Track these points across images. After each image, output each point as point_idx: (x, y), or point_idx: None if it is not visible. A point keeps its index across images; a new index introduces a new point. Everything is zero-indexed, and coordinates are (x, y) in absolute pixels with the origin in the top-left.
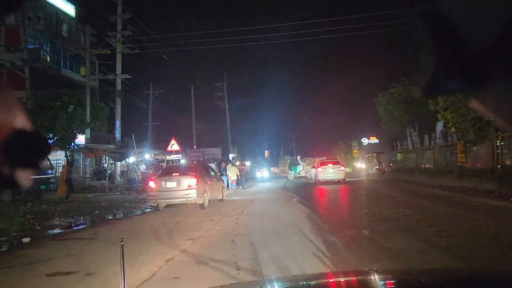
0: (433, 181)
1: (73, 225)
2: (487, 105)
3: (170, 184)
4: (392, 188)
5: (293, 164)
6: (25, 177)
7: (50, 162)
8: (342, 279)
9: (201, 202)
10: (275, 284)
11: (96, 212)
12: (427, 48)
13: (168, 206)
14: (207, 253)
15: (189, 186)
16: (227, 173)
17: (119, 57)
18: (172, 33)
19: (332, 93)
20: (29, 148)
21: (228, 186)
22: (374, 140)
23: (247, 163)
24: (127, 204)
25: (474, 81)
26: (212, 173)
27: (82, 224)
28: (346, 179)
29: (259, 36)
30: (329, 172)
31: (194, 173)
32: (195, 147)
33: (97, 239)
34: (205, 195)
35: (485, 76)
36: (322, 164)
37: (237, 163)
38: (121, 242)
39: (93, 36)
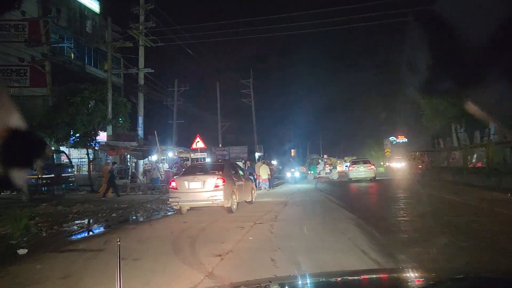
0: (488, 182)
1: (83, 231)
2: (482, 105)
3: (194, 185)
4: (442, 190)
5: (313, 164)
6: (20, 177)
7: (70, 161)
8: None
9: (229, 205)
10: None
11: (113, 214)
12: (422, 48)
13: (191, 208)
14: (241, 278)
15: (215, 186)
16: (258, 173)
17: (141, 50)
18: (197, 26)
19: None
20: (25, 148)
21: (256, 186)
22: (402, 139)
23: (273, 162)
24: (148, 205)
25: (469, 82)
26: (240, 172)
27: (94, 229)
28: (383, 179)
29: (287, 26)
30: (360, 170)
31: (220, 172)
32: (220, 145)
33: (105, 251)
34: (233, 197)
35: (480, 76)
36: (354, 163)
37: (259, 162)
38: (117, 242)
39: (117, 32)
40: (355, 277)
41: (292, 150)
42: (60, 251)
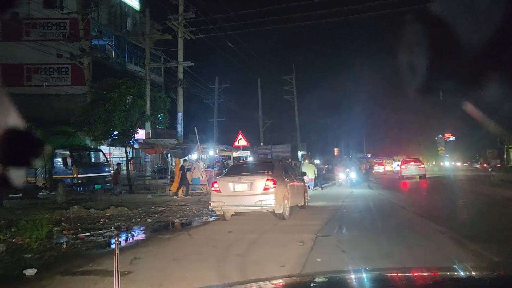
0: None
1: (111, 241)
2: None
3: (240, 187)
4: None
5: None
6: (18, 176)
7: (107, 159)
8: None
9: (281, 211)
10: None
11: (148, 220)
12: (420, 49)
13: (236, 213)
14: None
15: (265, 189)
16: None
17: (180, 43)
18: (236, 15)
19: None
20: (22, 148)
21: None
22: (450, 137)
23: (317, 161)
24: (187, 208)
25: (468, 83)
26: (292, 172)
27: (123, 240)
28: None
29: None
30: (412, 168)
31: (270, 172)
32: (262, 144)
33: (129, 278)
34: (286, 201)
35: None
36: (405, 162)
37: (306, 161)
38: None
39: (157, 30)
40: (356, 278)
41: (336, 149)
42: (75, 272)
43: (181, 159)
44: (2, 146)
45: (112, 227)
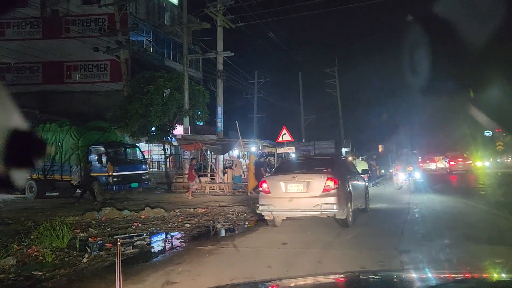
0: None
1: (140, 252)
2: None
3: (294, 187)
4: None
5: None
6: (21, 177)
7: (144, 156)
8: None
9: (344, 216)
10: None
11: (186, 224)
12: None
13: (288, 218)
14: None
15: (325, 190)
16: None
17: (220, 32)
18: (278, 5)
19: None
20: (25, 148)
21: None
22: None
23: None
24: (230, 210)
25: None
26: (350, 169)
27: (156, 250)
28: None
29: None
30: (459, 165)
31: (330, 170)
32: (304, 140)
33: None
34: (349, 204)
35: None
36: (452, 159)
37: (349, 158)
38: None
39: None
40: (356, 278)
41: (380, 146)
42: None
43: (256, 155)
44: (5, 147)
45: (145, 234)
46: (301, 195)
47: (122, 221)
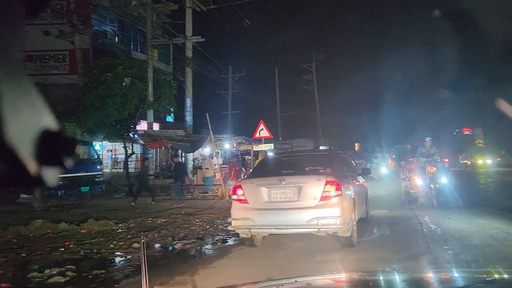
0: None
1: None
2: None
3: (280, 194)
4: None
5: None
6: (53, 175)
7: (98, 156)
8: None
9: (348, 234)
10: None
11: (135, 244)
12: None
13: (271, 235)
14: None
15: (323, 198)
16: None
17: (189, 14)
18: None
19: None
20: (56, 147)
21: None
22: (467, 132)
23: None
24: (197, 221)
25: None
26: (351, 167)
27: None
28: None
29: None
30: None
31: (329, 170)
32: (280, 138)
33: None
34: (353, 216)
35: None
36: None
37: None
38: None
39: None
40: (357, 278)
41: (356, 144)
42: None
43: (266, 153)
44: (36, 145)
45: (69, 263)
46: (291, 205)
47: (54, 237)
